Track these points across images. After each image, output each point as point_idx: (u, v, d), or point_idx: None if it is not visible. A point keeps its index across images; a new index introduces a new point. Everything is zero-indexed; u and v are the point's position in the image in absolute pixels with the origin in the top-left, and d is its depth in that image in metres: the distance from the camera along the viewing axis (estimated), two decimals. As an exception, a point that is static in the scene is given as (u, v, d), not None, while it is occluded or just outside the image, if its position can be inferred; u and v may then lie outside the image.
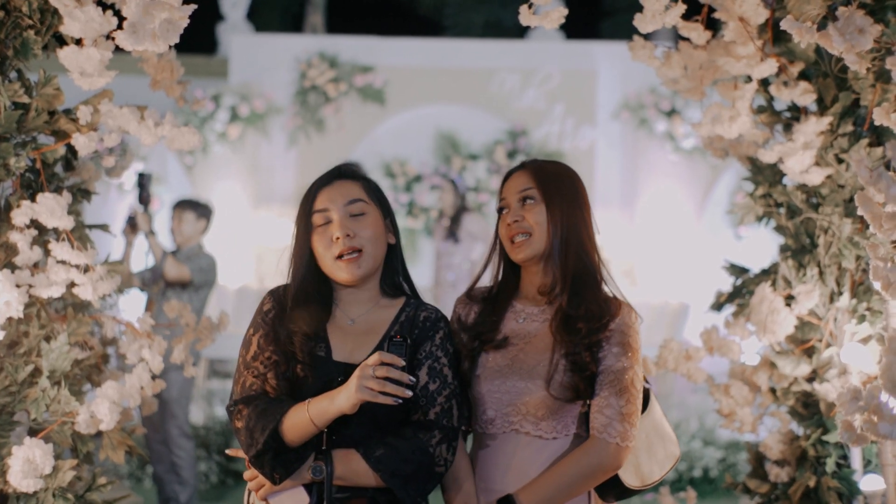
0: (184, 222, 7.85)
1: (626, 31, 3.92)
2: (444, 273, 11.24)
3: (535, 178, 3.18)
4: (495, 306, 3.23)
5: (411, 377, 2.82)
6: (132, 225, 7.48)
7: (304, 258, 3.10)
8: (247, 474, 3.05)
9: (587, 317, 3.07)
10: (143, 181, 7.31)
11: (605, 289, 3.19)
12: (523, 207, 3.16)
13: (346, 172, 3.16)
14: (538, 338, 3.13)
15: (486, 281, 3.34)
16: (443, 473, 2.98)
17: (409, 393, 2.80)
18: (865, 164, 3.03)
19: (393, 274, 3.18)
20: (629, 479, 3.13)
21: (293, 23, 20.10)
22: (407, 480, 2.90)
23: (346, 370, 2.95)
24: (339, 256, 3.04)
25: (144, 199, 7.36)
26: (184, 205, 7.97)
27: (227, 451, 3.18)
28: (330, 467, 2.91)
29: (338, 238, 3.03)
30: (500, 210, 3.25)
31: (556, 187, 3.16)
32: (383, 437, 2.94)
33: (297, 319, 3.05)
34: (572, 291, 3.10)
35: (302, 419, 2.87)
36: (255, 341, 3.08)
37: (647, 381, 3.32)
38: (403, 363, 2.81)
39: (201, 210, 7.94)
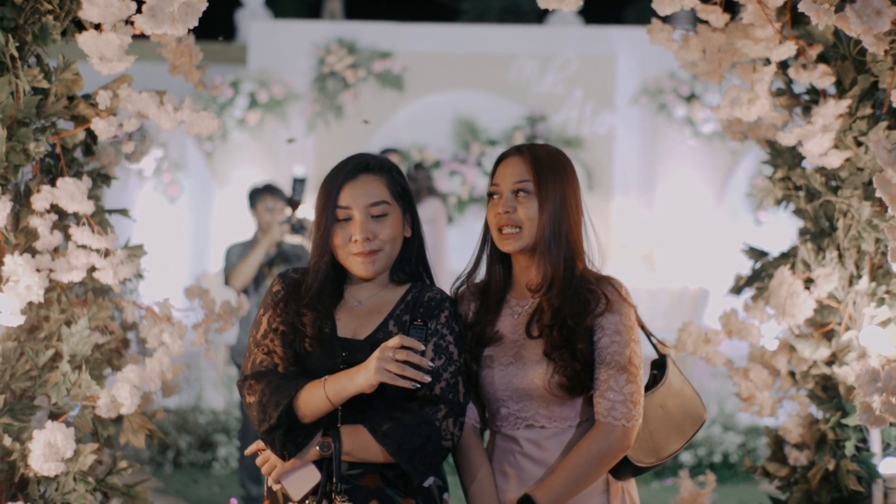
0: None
1: (645, 16, 3.91)
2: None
3: (532, 169, 3.13)
4: (490, 302, 3.21)
5: (430, 363, 2.87)
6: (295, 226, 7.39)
7: (326, 249, 3.11)
8: (259, 460, 3.07)
9: (575, 312, 3.06)
10: (297, 186, 7.31)
11: (591, 267, 3.18)
12: (516, 199, 3.12)
13: (372, 166, 3.14)
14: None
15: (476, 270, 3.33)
16: (450, 448, 3.01)
17: (428, 378, 2.85)
18: (883, 146, 3.03)
19: (405, 264, 3.19)
20: (642, 457, 3.13)
21: (311, 9, 20.09)
22: (414, 454, 2.92)
23: (349, 346, 3.02)
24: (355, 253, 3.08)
25: (295, 205, 7.34)
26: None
27: (245, 452, 3.20)
28: (338, 443, 2.94)
29: (356, 240, 3.06)
30: (490, 195, 3.20)
31: (552, 179, 3.12)
32: (390, 412, 2.97)
33: (311, 302, 3.08)
34: (562, 288, 3.08)
35: (318, 396, 2.91)
36: (265, 321, 3.12)
37: (665, 345, 3.31)
38: (423, 347, 2.86)
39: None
